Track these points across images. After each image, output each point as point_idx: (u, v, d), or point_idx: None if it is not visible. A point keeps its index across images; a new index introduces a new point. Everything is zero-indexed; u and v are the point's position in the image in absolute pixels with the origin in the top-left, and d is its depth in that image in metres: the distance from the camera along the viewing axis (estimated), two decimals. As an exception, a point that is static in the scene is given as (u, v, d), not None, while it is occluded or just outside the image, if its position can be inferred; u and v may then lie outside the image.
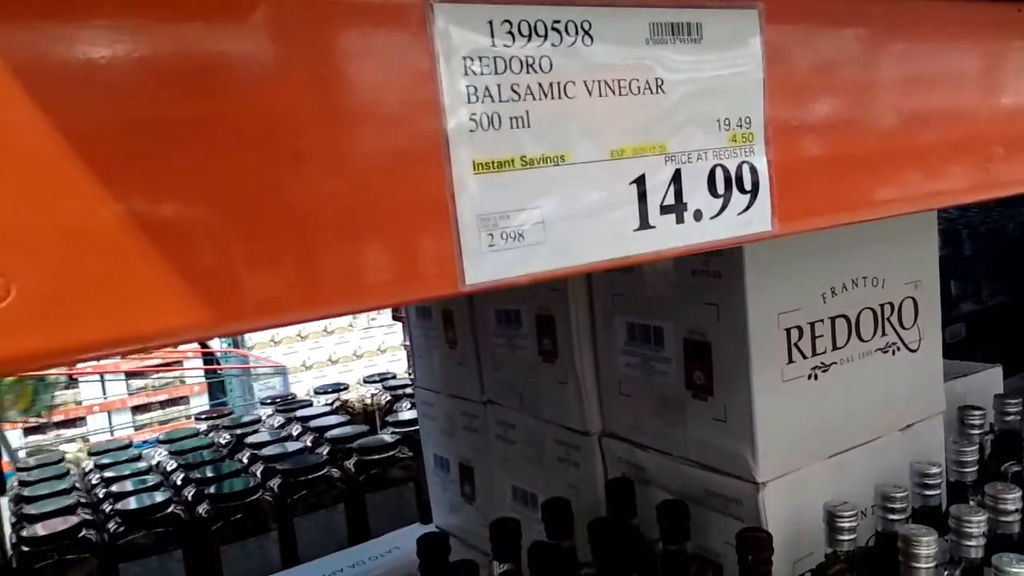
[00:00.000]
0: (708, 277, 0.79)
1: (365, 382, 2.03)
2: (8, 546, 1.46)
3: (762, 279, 0.77)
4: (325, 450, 1.65)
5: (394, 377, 2.07)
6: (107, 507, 1.51)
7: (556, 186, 0.38)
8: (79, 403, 3.81)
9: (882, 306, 0.87)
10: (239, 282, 0.29)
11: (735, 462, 0.79)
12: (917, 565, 0.69)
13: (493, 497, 1.10)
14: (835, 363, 0.83)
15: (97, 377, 3.38)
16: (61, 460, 1.83)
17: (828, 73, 0.47)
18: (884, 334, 0.87)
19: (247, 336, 3.53)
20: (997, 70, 0.58)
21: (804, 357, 0.81)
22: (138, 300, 0.27)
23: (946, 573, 0.71)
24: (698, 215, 0.42)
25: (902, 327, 0.89)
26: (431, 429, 1.24)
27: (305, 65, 0.32)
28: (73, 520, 1.44)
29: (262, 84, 0.31)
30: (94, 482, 1.64)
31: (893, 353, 0.88)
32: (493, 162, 0.36)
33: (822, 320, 0.81)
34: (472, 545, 1.13)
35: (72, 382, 3.42)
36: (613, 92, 0.39)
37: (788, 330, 0.79)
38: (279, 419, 1.90)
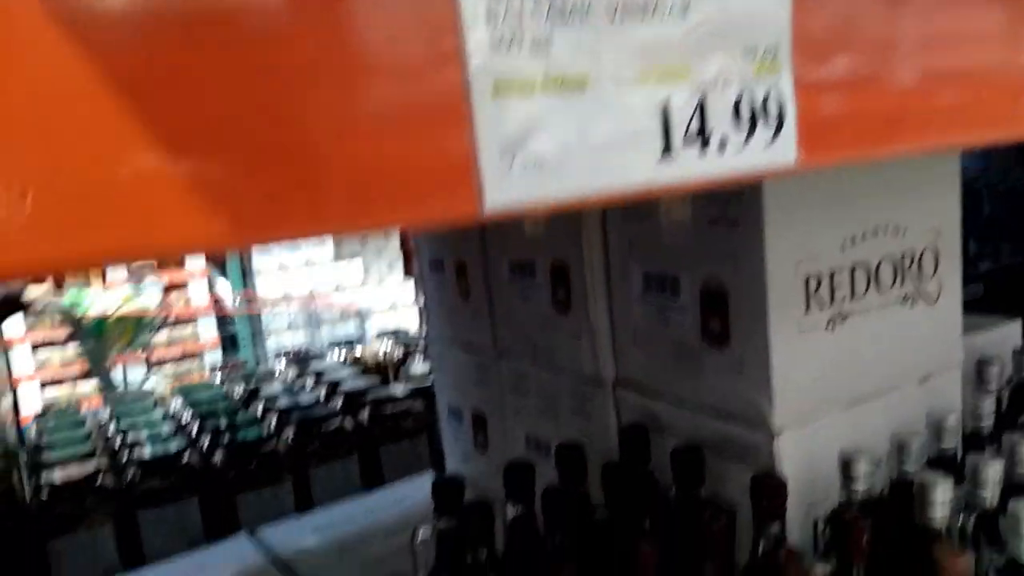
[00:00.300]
0: (726, 225, 0.78)
1: (379, 336, 2.04)
2: (27, 494, 1.48)
3: (781, 227, 0.76)
4: (339, 402, 1.66)
5: (408, 333, 2.07)
6: (124, 456, 1.53)
7: (577, 112, 0.37)
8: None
9: (902, 256, 0.86)
10: (252, 197, 0.29)
11: (751, 411, 0.78)
12: (932, 512, 0.69)
13: (506, 447, 1.10)
14: (853, 314, 0.82)
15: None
16: (78, 409, 1.85)
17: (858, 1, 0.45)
18: (903, 285, 0.86)
19: (341, 280, 3.48)
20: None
21: (822, 307, 0.80)
22: (151, 210, 0.27)
23: (961, 520, 0.71)
24: (722, 145, 0.41)
25: (921, 278, 0.88)
26: (444, 381, 1.24)
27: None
28: (91, 468, 1.46)
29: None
30: (111, 431, 1.66)
31: (912, 305, 0.87)
32: (514, 85, 0.35)
33: (841, 269, 0.81)
34: (485, 494, 1.13)
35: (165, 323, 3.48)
36: (638, 16, 0.38)
37: (807, 279, 0.79)
38: (293, 372, 1.92)
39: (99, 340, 3.07)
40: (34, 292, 2.18)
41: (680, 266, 0.84)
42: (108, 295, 3.15)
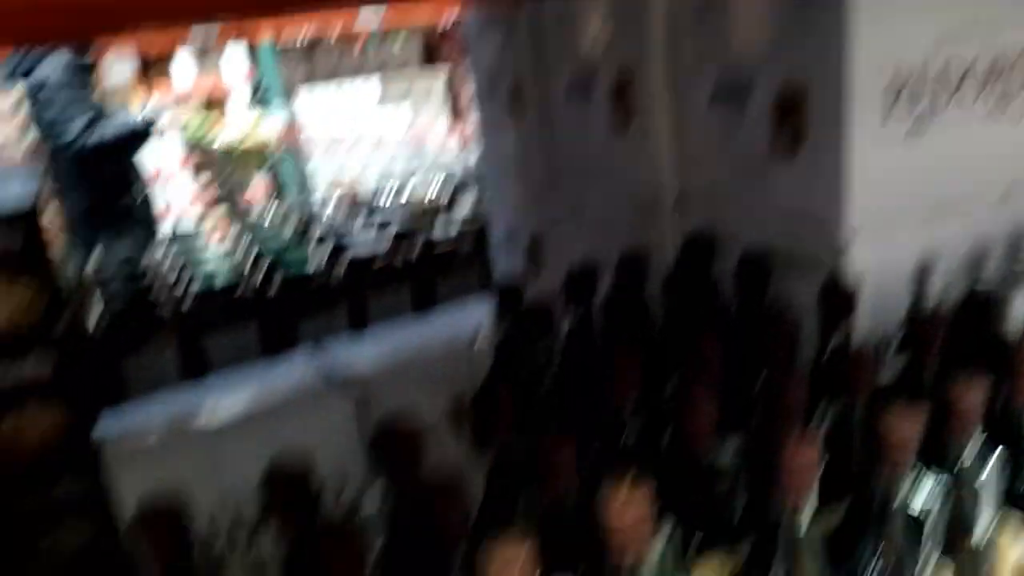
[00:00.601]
0: (808, 23, 0.73)
1: (429, 173, 2.03)
2: (91, 326, 1.52)
3: (867, 24, 0.70)
4: (390, 239, 1.66)
5: (456, 174, 2.06)
6: (183, 289, 1.56)
7: None
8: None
9: (991, 65, 0.80)
10: None
11: (822, 220, 0.75)
12: (1005, 324, 0.67)
13: (561, 272, 1.09)
14: (936, 124, 0.78)
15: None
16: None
17: None
18: (990, 96, 0.81)
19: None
20: None
21: (904, 114, 0.75)
22: None
23: (1037, 329, 0.69)
24: None
25: (1010, 90, 0.82)
26: (498, 207, 1.22)
27: None
28: (152, 298, 1.50)
29: None
30: (171, 264, 1.69)
31: (997, 117, 0.82)
32: None
33: (926, 73, 0.75)
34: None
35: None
36: None
37: (890, 82, 0.74)
38: (344, 210, 1.92)
39: (228, 169, 3.11)
40: (163, 123, 2.17)
41: (753, 71, 0.79)
42: (235, 125, 3.14)
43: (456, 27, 2.85)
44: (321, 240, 1.71)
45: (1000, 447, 0.56)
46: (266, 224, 1.94)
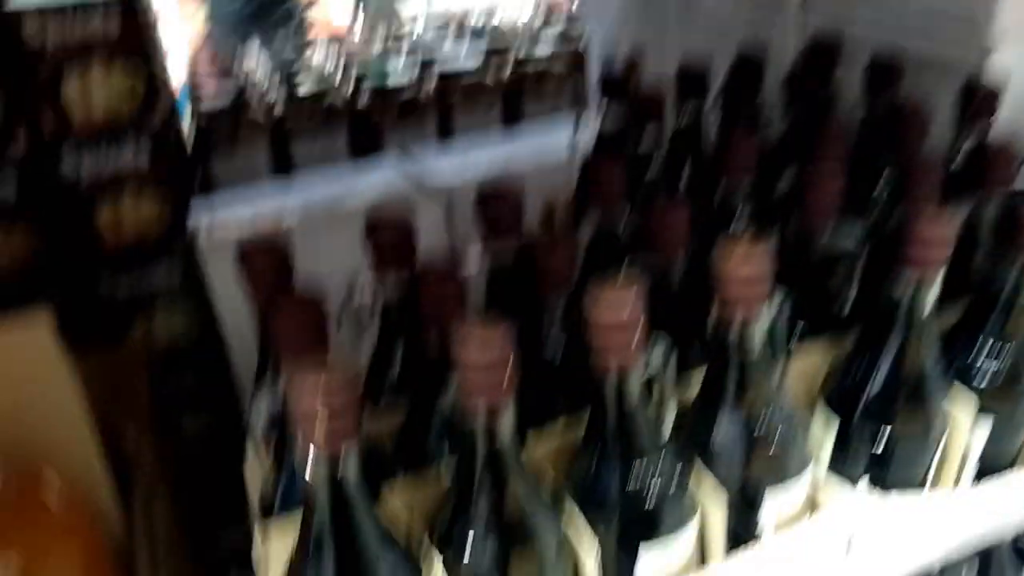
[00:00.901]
0: None
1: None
2: (184, 125, 1.53)
3: None
4: (481, 54, 1.61)
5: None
6: (273, 95, 1.55)
7: None
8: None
9: None
10: None
11: (967, 23, 0.69)
12: None
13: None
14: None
15: None
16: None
17: None
18: None
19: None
20: None
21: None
22: None
23: None
24: None
25: None
26: (601, 14, 1.16)
27: None
28: (243, 99, 1.50)
29: None
30: (261, 75, 1.68)
31: None
32: None
33: None
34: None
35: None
36: None
37: None
38: (436, 26, 1.87)
39: None
40: None
41: None
42: None
43: None
44: (414, 49, 1.67)
45: None
46: (358, 37, 1.90)
